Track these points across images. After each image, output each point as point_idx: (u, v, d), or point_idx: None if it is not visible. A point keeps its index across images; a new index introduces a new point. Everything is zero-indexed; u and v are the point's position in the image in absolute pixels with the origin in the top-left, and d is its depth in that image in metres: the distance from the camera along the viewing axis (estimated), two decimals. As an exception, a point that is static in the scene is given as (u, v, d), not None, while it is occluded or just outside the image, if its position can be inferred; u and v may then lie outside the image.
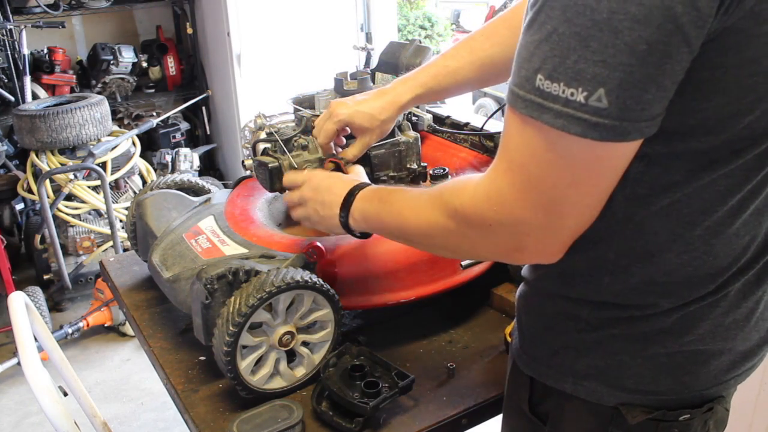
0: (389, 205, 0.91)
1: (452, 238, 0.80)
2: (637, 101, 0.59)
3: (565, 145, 0.63)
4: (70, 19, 3.79)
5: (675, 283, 0.75)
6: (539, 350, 0.86)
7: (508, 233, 0.71)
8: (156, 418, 2.60)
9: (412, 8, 8.25)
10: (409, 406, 1.04)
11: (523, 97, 0.64)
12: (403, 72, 1.48)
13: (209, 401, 1.08)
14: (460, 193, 0.76)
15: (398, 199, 0.90)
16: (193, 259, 1.17)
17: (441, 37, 8.09)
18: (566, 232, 0.71)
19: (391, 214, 0.90)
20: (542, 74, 0.61)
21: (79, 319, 2.93)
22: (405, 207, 0.87)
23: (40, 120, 3.01)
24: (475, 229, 0.74)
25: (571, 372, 0.82)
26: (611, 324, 0.78)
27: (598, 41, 0.58)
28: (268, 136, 1.30)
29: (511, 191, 0.68)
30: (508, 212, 0.69)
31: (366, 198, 0.98)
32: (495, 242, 0.74)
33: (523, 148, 0.66)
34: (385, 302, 1.16)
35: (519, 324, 0.91)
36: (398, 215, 0.89)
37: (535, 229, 0.70)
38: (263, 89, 3.76)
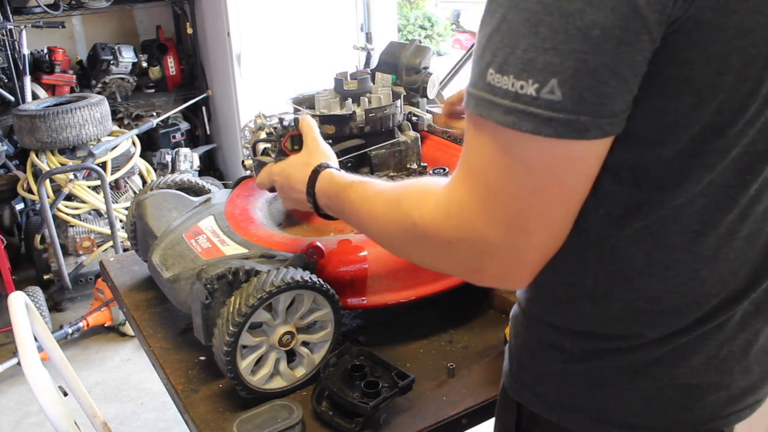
0: (345, 204, 0.87)
1: (412, 250, 0.74)
2: (595, 93, 0.54)
3: (520, 146, 0.57)
4: (70, 19, 3.79)
5: (660, 311, 0.69)
6: (526, 377, 0.82)
7: (470, 252, 0.64)
8: (156, 418, 2.60)
9: (412, 8, 8.25)
10: (409, 406, 1.04)
11: (475, 95, 0.59)
12: (402, 72, 1.48)
13: (209, 401, 1.08)
14: (420, 205, 0.69)
15: (354, 200, 0.85)
16: (193, 259, 1.17)
17: (441, 37, 8.09)
18: (532, 252, 0.63)
19: (351, 215, 0.87)
20: (493, 68, 0.56)
21: (79, 319, 2.93)
22: (362, 210, 0.82)
23: (40, 120, 3.01)
24: (434, 245, 0.67)
25: (557, 402, 0.78)
26: (596, 355, 0.73)
27: (547, 26, 0.53)
28: (268, 136, 1.30)
29: (470, 204, 0.62)
30: (468, 228, 0.62)
31: (326, 194, 0.95)
32: (456, 260, 0.67)
33: (479, 154, 0.61)
34: (385, 302, 1.16)
35: (508, 346, 0.87)
36: (357, 218, 0.85)
37: (498, 248, 0.62)
38: (263, 89, 3.76)
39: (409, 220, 0.70)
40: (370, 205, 0.80)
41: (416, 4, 8.37)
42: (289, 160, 1.06)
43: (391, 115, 1.30)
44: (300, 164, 1.02)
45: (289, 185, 1.04)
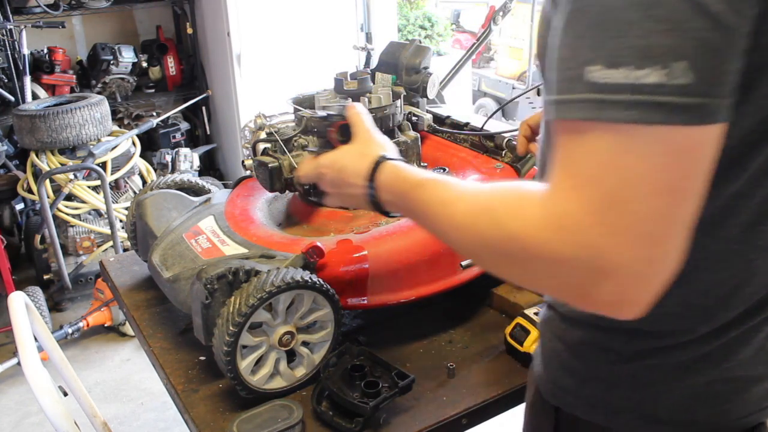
0: (418, 205, 0.78)
1: (506, 266, 0.65)
2: (720, 74, 0.51)
3: (644, 141, 0.52)
4: (70, 19, 3.79)
5: (712, 305, 0.69)
6: (566, 380, 0.80)
7: (581, 272, 0.56)
8: (156, 418, 2.60)
9: (412, 8, 8.25)
10: (409, 406, 1.04)
11: (574, 101, 0.54)
12: (402, 72, 1.48)
13: (209, 401, 1.08)
14: (518, 214, 0.60)
15: (429, 202, 0.75)
16: (193, 259, 1.17)
17: (441, 37, 8.08)
18: (662, 268, 0.55)
19: (424, 218, 0.77)
20: (597, 64, 0.52)
21: (79, 319, 2.93)
22: (440, 215, 0.73)
23: (40, 120, 3.01)
24: (538, 262, 0.59)
25: (602, 404, 0.77)
26: (646, 355, 0.73)
27: (663, 6, 0.50)
28: (268, 136, 1.30)
29: (584, 215, 0.54)
30: (584, 243, 0.54)
31: (391, 190, 0.85)
32: (562, 281, 0.59)
33: (588, 160, 0.55)
34: (385, 302, 1.16)
35: (542, 350, 0.85)
36: (432, 223, 0.75)
37: (620, 266, 0.54)
38: (263, 89, 3.76)
39: (504, 232, 0.61)
40: (450, 210, 0.71)
41: (416, 4, 8.37)
42: (340, 150, 0.96)
43: (391, 115, 1.30)
44: (355, 155, 0.92)
45: (341, 178, 0.93)
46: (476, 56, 6.47)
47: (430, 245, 1.17)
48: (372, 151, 0.90)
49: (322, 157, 0.98)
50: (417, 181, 0.79)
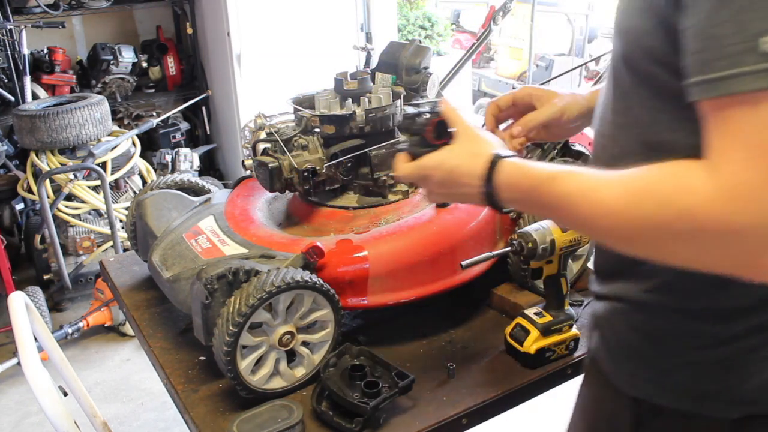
0: (551, 198, 0.76)
1: (674, 244, 0.65)
2: None
3: None
4: (70, 19, 3.79)
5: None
6: (648, 371, 0.81)
7: (758, 240, 0.58)
8: (156, 418, 2.60)
9: (412, 8, 8.24)
10: (409, 406, 1.04)
11: (746, 73, 0.56)
12: (402, 72, 1.48)
13: (209, 401, 1.08)
14: (689, 189, 0.61)
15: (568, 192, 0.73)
16: (193, 259, 1.17)
17: (441, 37, 8.08)
18: None
19: (560, 210, 0.76)
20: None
21: (79, 319, 2.93)
22: (585, 204, 0.71)
23: (40, 120, 3.01)
24: (713, 235, 0.60)
25: (689, 391, 0.77)
26: (739, 337, 0.73)
27: None
28: (268, 136, 1.30)
29: (764, 183, 0.57)
30: (764, 211, 0.57)
31: (514, 188, 0.83)
32: (734, 252, 0.60)
33: (765, 130, 0.57)
34: (385, 302, 1.16)
35: (610, 344, 0.85)
36: (574, 213, 0.74)
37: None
38: (263, 89, 3.76)
39: (673, 209, 0.62)
40: (597, 197, 0.70)
41: (416, 4, 8.36)
42: (446, 151, 0.92)
43: (391, 115, 1.30)
44: (465, 155, 0.90)
45: (452, 179, 0.90)
46: (476, 56, 6.47)
47: (430, 245, 1.17)
48: (484, 150, 0.88)
49: (426, 158, 0.94)
50: (547, 175, 0.77)
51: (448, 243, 1.18)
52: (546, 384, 1.14)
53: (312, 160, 1.27)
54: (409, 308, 1.23)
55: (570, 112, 1.06)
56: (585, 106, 1.07)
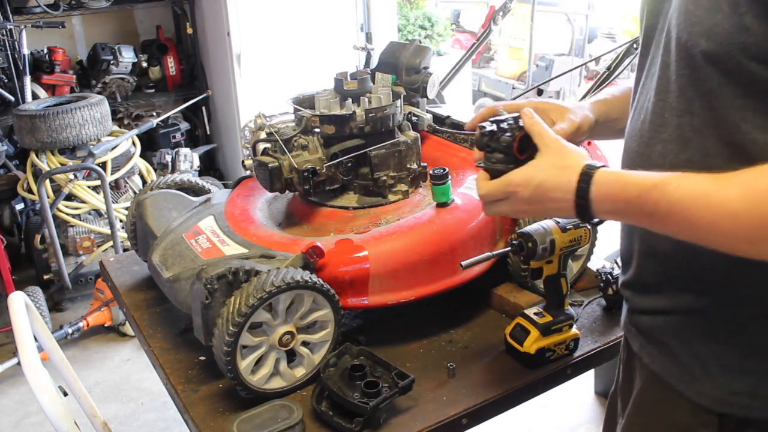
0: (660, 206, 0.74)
1: None
2: None
3: None
4: (70, 19, 3.79)
5: None
6: (738, 383, 0.79)
7: None
8: (156, 418, 2.60)
9: (412, 8, 8.25)
10: (409, 406, 1.04)
11: None
12: (402, 72, 1.48)
13: (209, 401, 1.08)
14: None
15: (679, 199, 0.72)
16: (193, 259, 1.17)
17: (441, 37, 8.08)
18: None
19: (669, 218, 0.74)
20: None
21: (79, 319, 2.93)
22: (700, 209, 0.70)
23: (40, 120, 3.01)
24: None
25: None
26: None
27: None
28: (268, 136, 1.30)
29: None
30: None
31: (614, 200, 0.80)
32: None
33: None
34: (385, 302, 1.16)
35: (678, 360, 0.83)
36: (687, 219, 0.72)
37: None
38: (263, 89, 3.76)
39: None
40: (718, 198, 0.68)
41: (416, 4, 8.37)
42: (532, 166, 0.88)
43: (391, 115, 1.30)
44: (553, 169, 0.86)
45: (542, 194, 0.87)
46: (476, 56, 6.47)
47: (430, 245, 1.17)
48: (573, 163, 0.85)
49: (511, 174, 0.89)
50: (653, 182, 0.74)
51: (448, 243, 1.18)
52: (546, 384, 1.14)
53: (312, 160, 1.27)
54: (409, 308, 1.23)
55: (584, 127, 1.04)
56: (594, 120, 1.05)
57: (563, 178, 0.84)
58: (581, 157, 0.86)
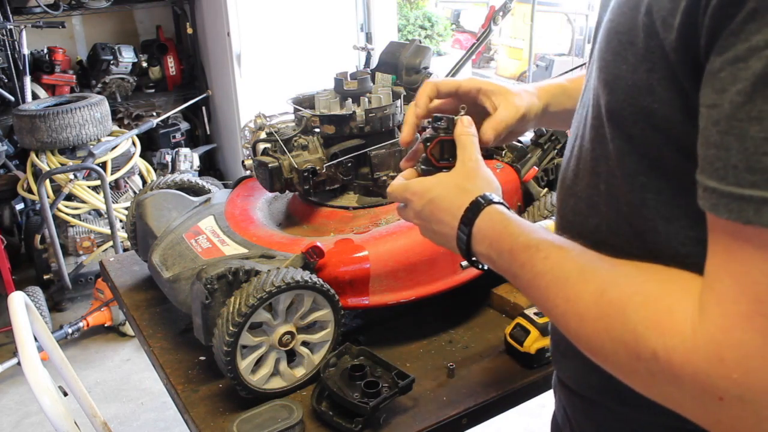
0: (524, 270, 0.65)
1: (642, 384, 0.54)
2: None
3: None
4: (70, 19, 3.79)
5: None
6: None
7: (753, 414, 0.46)
8: (156, 418, 2.60)
9: (412, 8, 8.25)
10: (409, 406, 1.04)
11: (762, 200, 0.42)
12: (402, 72, 1.48)
13: (209, 401, 1.08)
14: (663, 329, 0.50)
15: (542, 272, 0.62)
16: (193, 259, 1.17)
17: (441, 37, 8.09)
18: None
19: (531, 289, 0.65)
20: None
21: (79, 319, 2.93)
22: (555, 294, 0.60)
23: (40, 120, 3.01)
24: (688, 392, 0.49)
25: None
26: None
27: None
28: (268, 136, 1.30)
29: (765, 350, 0.45)
30: (759, 384, 0.45)
31: (490, 243, 0.70)
32: (721, 420, 0.48)
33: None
34: (385, 302, 1.16)
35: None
36: (542, 299, 0.63)
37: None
38: (263, 89, 3.76)
39: (644, 346, 0.51)
40: (571, 292, 0.59)
41: (416, 4, 8.37)
42: (435, 178, 0.80)
43: (391, 115, 1.30)
44: (453, 187, 0.77)
45: (431, 211, 0.78)
46: (476, 56, 6.47)
47: (430, 245, 1.16)
48: (475, 188, 0.75)
49: (413, 182, 0.81)
50: (529, 242, 0.65)
51: (448, 243, 1.18)
52: (546, 384, 1.14)
53: (312, 160, 1.27)
54: (409, 308, 1.23)
55: (530, 114, 0.90)
56: (541, 107, 0.92)
57: (456, 201, 0.74)
58: (487, 186, 0.76)
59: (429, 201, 0.78)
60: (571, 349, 0.69)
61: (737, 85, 0.43)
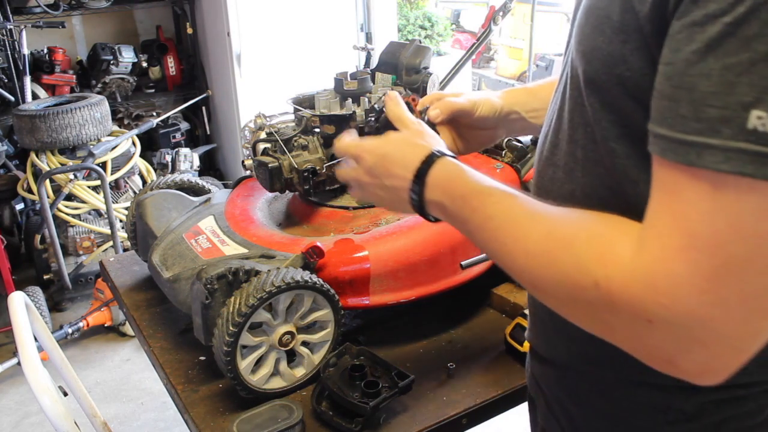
0: (476, 215, 0.69)
1: (584, 315, 0.59)
2: None
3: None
4: (70, 19, 3.79)
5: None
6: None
7: (674, 337, 0.51)
8: (156, 418, 2.60)
9: (412, 8, 8.25)
10: (409, 406, 1.04)
11: (721, 147, 0.46)
12: (402, 72, 1.48)
13: (209, 401, 1.08)
14: (606, 261, 0.55)
15: (493, 215, 0.66)
16: (193, 259, 1.17)
17: (441, 37, 8.08)
18: (762, 339, 0.51)
19: (481, 232, 0.68)
20: (763, 110, 0.44)
21: (79, 319, 2.93)
22: (505, 234, 0.64)
23: (40, 120, 3.01)
24: (624, 320, 0.54)
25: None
26: (712, 410, 0.65)
27: None
28: (268, 136, 1.30)
29: (693, 280, 0.49)
30: (685, 310, 0.49)
31: (443, 189, 0.74)
32: (648, 343, 0.54)
33: (719, 220, 0.48)
34: (385, 302, 1.16)
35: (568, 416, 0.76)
36: (492, 241, 0.66)
37: (722, 337, 0.50)
38: (263, 89, 3.76)
39: (587, 276, 0.55)
40: (520, 232, 0.63)
41: (416, 4, 8.37)
42: (387, 136, 0.84)
43: (391, 115, 1.30)
44: (403, 143, 0.81)
45: (384, 166, 0.81)
46: (476, 56, 6.47)
47: (430, 245, 1.17)
48: (427, 143, 0.79)
49: (366, 139, 0.86)
50: (481, 188, 0.69)
51: (448, 243, 1.18)
52: (546, 384, 1.14)
53: (312, 160, 1.27)
54: (409, 308, 1.24)
55: (482, 109, 0.98)
56: (499, 106, 0.98)
57: (409, 155, 0.78)
58: (437, 143, 0.81)
59: (381, 156, 0.82)
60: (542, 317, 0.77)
61: (692, 46, 0.48)
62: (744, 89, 0.45)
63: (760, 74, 0.45)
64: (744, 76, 0.45)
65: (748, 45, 0.45)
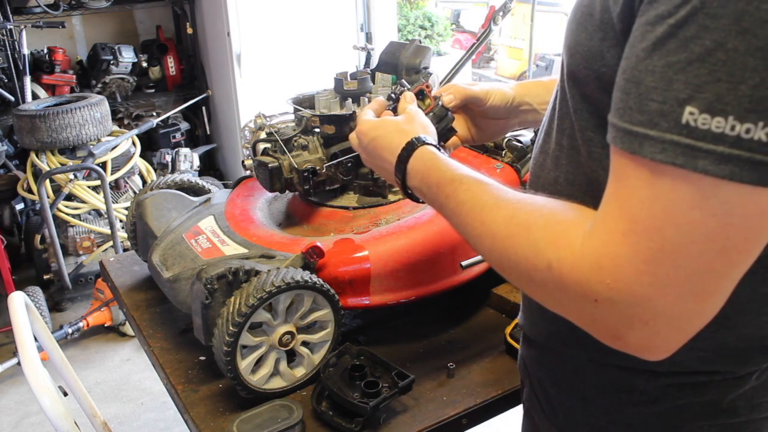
0: (449, 200, 0.74)
1: (538, 292, 0.63)
2: None
3: (723, 199, 0.49)
4: (70, 19, 3.79)
5: (747, 347, 0.66)
6: (581, 428, 0.76)
7: (617, 315, 0.55)
8: (156, 418, 2.60)
9: (412, 8, 8.25)
10: (409, 406, 1.04)
11: (658, 139, 0.49)
12: (402, 72, 1.48)
13: (209, 401, 1.08)
14: (558, 244, 0.59)
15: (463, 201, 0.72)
16: (193, 259, 1.17)
17: (441, 37, 8.09)
18: (698, 321, 0.55)
19: (454, 216, 0.74)
20: (695, 106, 0.47)
21: (79, 319, 2.93)
22: (473, 218, 0.70)
23: (40, 120, 3.01)
24: (572, 297, 0.58)
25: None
26: (675, 394, 0.69)
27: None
28: (268, 136, 1.30)
29: (633, 262, 0.53)
30: (625, 289, 0.53)
31: (421, 177, 0.81)
32: (595, 320, 0.57)
33: (656, 206, 0.51)
34: (385, 302, 1.16)
35: (547, 397, 0.80)
36: (462, 224, 0.72)
37: (659, 316, 0.53)
38: (263, 89, 3.76)
39: (541, 258, 0.60)
40: (487, 216, 0.68)
41: (416, 4, 8.37)
42: (380, 119, 0.92)
43: (391, 115, 1.30)
44: (392, 129, 0.88)
45: (374, 148, 0.90)
46: (476, 56, 6.47)
47: (431, 245, 1.17)
48: (411, 130, 0.86)
49: (362, 121, 0.94)
50: (453, 176, 0.75)
51: (448, 243, 1.18)
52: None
53: (312, 160, 1.27)
54: (409, 308, 1.24)
55: (494, 99, 1.03)
56: (511, 96, 1.03)
57: (395, 140, 0.86)
58: (422, 130, 0.87)
59: (372, 139, 0.90)
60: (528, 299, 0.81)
61: (643, 44, 0.51)
62: (680, 86, 0.48)
63: (694, 73, 0.48)
64: (681, 74, 0.48)
65: (686, 46, 0.48)
